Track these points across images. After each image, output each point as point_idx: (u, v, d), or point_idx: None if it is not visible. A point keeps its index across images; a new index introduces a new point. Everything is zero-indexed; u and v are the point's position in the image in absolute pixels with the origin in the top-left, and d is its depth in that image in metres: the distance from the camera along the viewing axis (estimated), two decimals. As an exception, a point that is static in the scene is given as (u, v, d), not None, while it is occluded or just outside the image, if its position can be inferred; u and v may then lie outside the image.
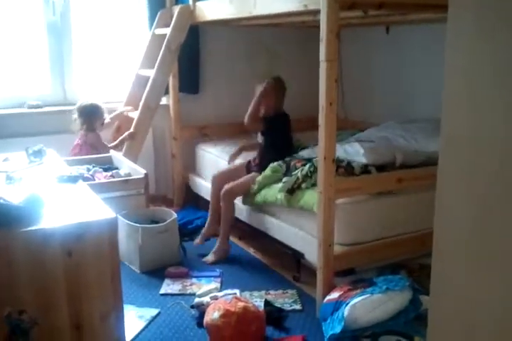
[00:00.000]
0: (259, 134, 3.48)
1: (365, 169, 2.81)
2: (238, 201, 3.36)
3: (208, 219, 3.49)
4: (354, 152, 2.94)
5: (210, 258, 3.25)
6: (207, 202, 3.63)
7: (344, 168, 2.78)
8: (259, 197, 3.13)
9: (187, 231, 3.61)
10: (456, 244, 1.28)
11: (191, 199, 4.21)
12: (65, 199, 1.91)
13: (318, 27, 2.32)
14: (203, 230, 3.49)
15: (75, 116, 3.65)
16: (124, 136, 3.68)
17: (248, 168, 3.43)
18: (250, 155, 3.52)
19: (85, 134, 3.66)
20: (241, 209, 3.42)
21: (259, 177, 3.15)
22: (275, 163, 3.14)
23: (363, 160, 2.85)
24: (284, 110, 3.43)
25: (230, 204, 3.28)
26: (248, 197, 3.24)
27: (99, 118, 3.69)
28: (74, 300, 1.66)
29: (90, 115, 3.64)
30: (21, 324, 1.54)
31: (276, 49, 4.55)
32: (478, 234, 1.21)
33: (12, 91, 3.87)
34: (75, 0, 3.88)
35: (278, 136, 3.38)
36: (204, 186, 3.92)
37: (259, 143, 3.48)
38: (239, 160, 3.61)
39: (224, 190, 3.26)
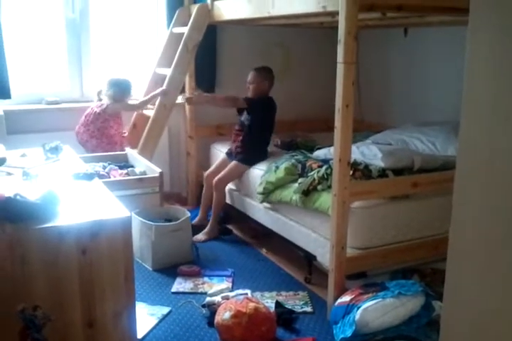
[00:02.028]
0: (244, 114, 3.59)
1: (382, 173, 2.78)
2: (244, 195, 3.37)
3: (200, 211, 3.77)
4: (371, 155, 2.92)
5: (201, 237, 3.54)
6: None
7: (361, 172, 2.76)
8: (273, 197, 3.13)
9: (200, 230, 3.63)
10: (472, 251, 1.26)
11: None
12: (81, 197, 1.93)
13: (336, 28, 2.31)
14: (195, 222, 3.66)
15: (105, 88, 3.70)
16: (156, 92, 3.72)
17: (230, 156, 3.68)
18: (229, 145, 3.74)
19: (110, 103, 3.67)
20: (255, 209, 3.43)
21: (268, 178, 3.15)
22: (290, 163, 3.14)
23: (381, 164, 2.82)
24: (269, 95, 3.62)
25: (221, 193, 3.62)
26: (264, 195, 3.23)
27: (130, 93, 3.78)
28: (87, 298, 1.68)
29: (124, 88, 3.71)
30: (35, 319, 1.56)
31: (294, 49, 4.54)
32: (495, 241, 1.20)
33: (31, 88, 3.91)
34: (94, -2, 3.92)
35: (264, 117, 3.56)
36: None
37: (243, 125, 3.59)
38: (222, 154, 3.83)
39: (215, 180, 3.59)
